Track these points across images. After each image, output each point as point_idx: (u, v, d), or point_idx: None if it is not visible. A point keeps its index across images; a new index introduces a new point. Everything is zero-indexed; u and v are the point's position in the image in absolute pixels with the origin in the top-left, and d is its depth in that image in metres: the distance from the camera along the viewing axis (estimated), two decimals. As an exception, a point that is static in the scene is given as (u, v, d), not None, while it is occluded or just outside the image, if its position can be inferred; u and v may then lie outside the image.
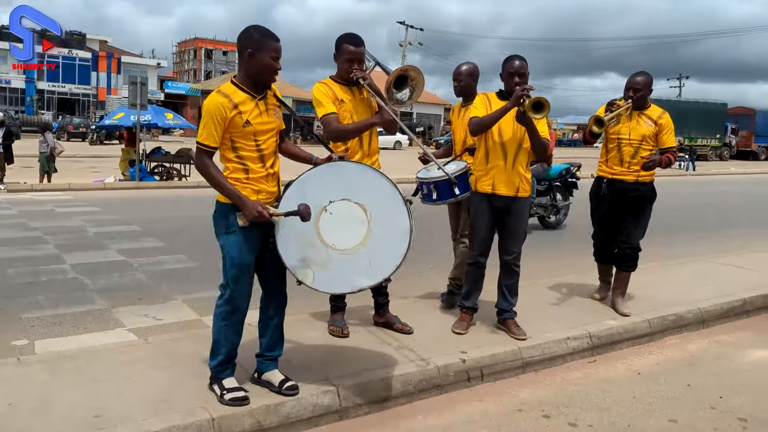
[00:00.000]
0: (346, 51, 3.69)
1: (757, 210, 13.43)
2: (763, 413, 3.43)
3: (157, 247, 7.28)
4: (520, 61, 3.98)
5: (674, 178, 23.66)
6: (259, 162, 2.99)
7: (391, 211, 2.94)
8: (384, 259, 2.94)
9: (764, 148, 40.22)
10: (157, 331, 4.44)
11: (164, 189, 13.89)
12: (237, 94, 2.92)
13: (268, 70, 2.93)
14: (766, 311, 5.36)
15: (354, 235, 2.94)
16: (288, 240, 2.96)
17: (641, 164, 4.49)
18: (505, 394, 3.61)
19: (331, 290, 3.09)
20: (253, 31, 2.93)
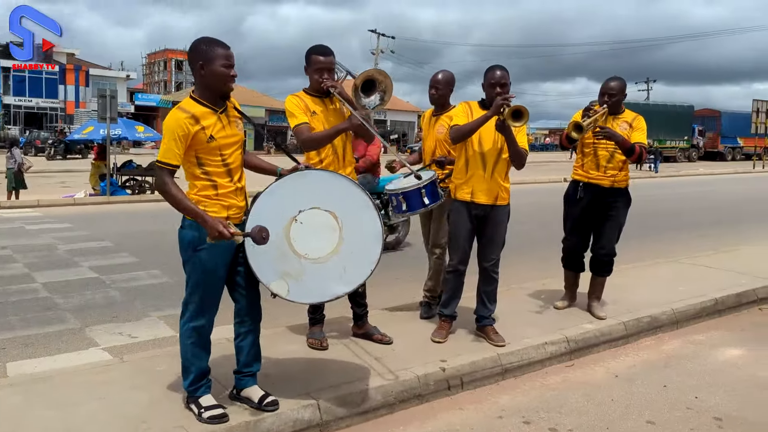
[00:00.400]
0: (315, 62, 3.71)
1: (726, 210, 13.71)
2: (738, 411, 3.49)
3: (130, 263, 7.17)
4: (501, 71, 4.03)
5: (644, 180, 24.09)
6: (227, 176, 2.95)
7: (361, 217, 2.94)
8: (358, 265, 2.94)
9: (730, 148, 41.13)
10: (132, 349, 4.36)
11: (136, 203, 13.71)
12: (197, 108, 2.87)
13: (222, 79, 2.88)
14: (738, 310, 5.47)
15: (326, 243, 2.93)
16: (259, 253, 2.92)
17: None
18: (485, 401, 3.63)
19: (307, 300, 3.08)
20: (200, 43, 2.90)
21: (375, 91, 3.81)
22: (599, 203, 4.65)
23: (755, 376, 4.01)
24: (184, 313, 3.02)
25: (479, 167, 4.02)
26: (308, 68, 3.77)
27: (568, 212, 4.86)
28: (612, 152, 4.56)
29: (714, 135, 41.01)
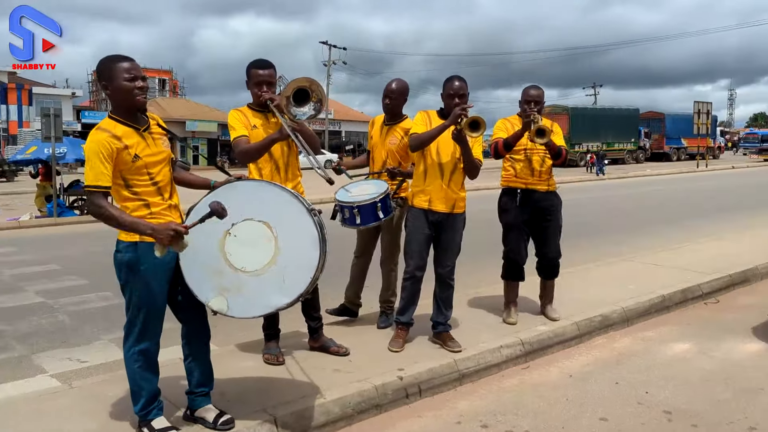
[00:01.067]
0: (254, 75, 3.72)
1: (672, 209, 14.17)
2: (686, 404, 3.61)
3: (79, 286, 6.97)
4: (460, 81, 4.12)
5: (593, 182, 24.71)
6: (158, 195, 2.90)
7: (296, 224, 2.88)
8: (298, 274, 2.86)
9: (675, 149, 42.51)
10: (82, 374, 4.23)
11: (86, 224, 13.29)
12: (118, 128, 2.79)
13: (127, 93, 2.78)
14: (684, 305, 5.65)
15: (262, 254, 2.85)
16: (195, 271, 2.88)
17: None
18: (443, 407, 3.65)
19: (249, 315, 3.02)
20: (101, 62, 2.83)
21: (309, 101, 3.71)
22: (538, 208, 4.66)
23: (702, 369, 4.15)
24: (127, 337, 2.96)
25: (437, 176, 4.09)
26: (249, 82, 3.77)
27: (507, 222, 4.73)
28: (543, 157, 4.61)
29: (659, 136, 42.34)
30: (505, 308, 4.87)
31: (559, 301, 5.06)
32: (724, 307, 5.68)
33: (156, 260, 2.78)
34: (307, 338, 4.21)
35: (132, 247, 2.82)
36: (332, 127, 50.36)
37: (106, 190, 2.74)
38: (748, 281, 6.43)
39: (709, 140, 38.43)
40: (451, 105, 4.01)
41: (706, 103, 34.40)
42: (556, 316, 4.81)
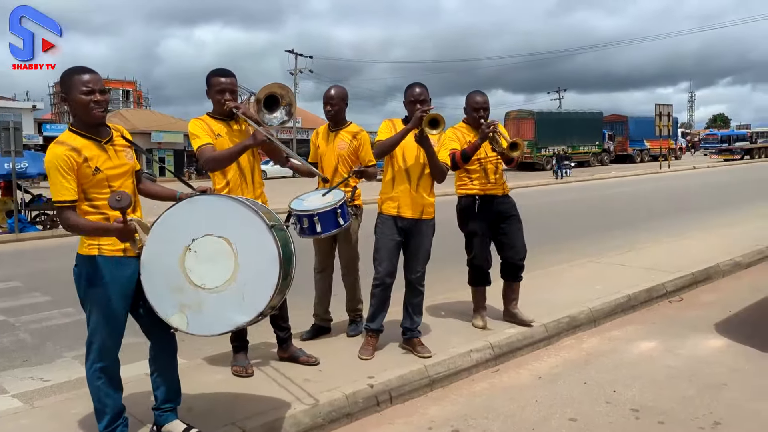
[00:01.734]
0: (216, 83, 3.65)
1: (637, 210, 14.44)
2: (653, 401, 3.66)
3: (42, 302, 6.79)
4: (420, 87, 4.14)
5: (560, 185, 25.07)
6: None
7: (256, 241, 2.79)
8: (257, 292, 2.79)
9: (639, 151, 43.41)
10: (44, 393, 4.12)
11: (48, 239, 13.02)
12: (77, 140, 2.74)
13: (83, 107, 2.72)
14: (650, 304, 5.75)
15: (222, 271, 2.78)
16: (156, 286, 2.83)
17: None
18: (414, 414, 3.64)
19: (208, 333, 2.93)
20: (63, 74, 2.78)
21: (279, 106, 3.70)
22: (498, 212, 4.65)
23: (667, 366, 4.22)
24: (88, 353, 2.90)
25: (404, 182, 4.11)
26: (210, 91, 3.70)
27: (470, 229, 4.70)
28: (496, 164, 4.62)
29: (623, 139, 43.18)
30: (474, 313, 4.86)
31: (527, 303, 5.09)
32: (687, 304, 5.80)
33: (114, 274, 2.77)
34: (276, 349, 4.17)
35: (90, 260, 2.77)
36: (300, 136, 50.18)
37: (72, 204, 2.69)
38: (710, 279, 6.58)
39: (671, 142, 39.35)
40: (414, 111, 4.03)
41: (667, 106, 35.25)
42: (531, 317, 4.77)
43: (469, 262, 4.78)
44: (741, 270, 7.03)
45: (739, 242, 8.01)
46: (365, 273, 4.56)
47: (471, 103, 4.57)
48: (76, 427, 3.26)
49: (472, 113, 4.57)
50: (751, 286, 6.30)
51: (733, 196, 16.61)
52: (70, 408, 3.51)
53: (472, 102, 4.56)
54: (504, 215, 4.68)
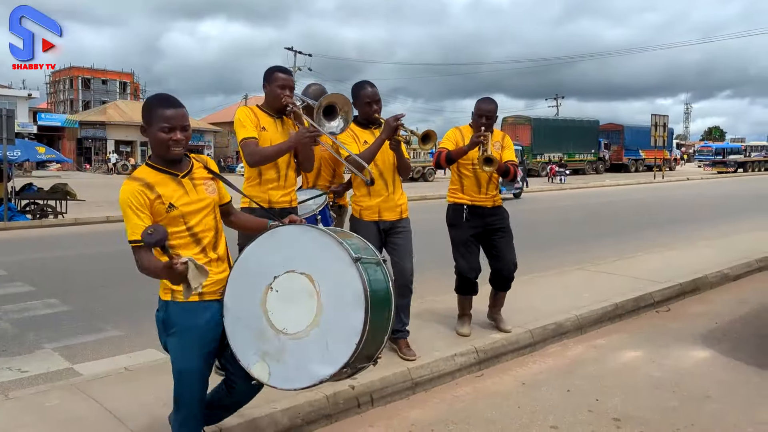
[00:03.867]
0: (278, 78, 3.66)
1: (628, 219, 14.46)
2: (635, 411, 3.64)
3: (25, 292, 6.71)
4: (372, 88, 4.11)
5: (553, 192, 25.11)
6: (196, 246, 2.55)
7: (341, 277, 2.45)
8: (340, 339, 2.42)
9: (633, 160, 43.61)
10: (21, 384, 4.06)
11: (37, 228, 12.93)
12: (152, 175, 2.52)
13: (161, 144, 2.51)
14: (636, 314, 5.73)
15: (305, 313, 2.45)
16: (238, 330, 2.53)
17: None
18: (395, 417, 3.61)
19: (290, 386, 2.59)
20: (147, 101, 2.59)
21: (337, 115, 3.68)
22: (486, 223, 4.58)
23: (651, 376, 4.20)
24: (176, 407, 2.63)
25: (382, 187, 4.09)
26: (268, 84, 3.69)
27: (457, 237, 4.63)
28: (490, 174, 4.50)
29: (618, 148, 43.37)
30: (459, 320, 4.79)
31: (513, 309, 5.07)
32: (674, 315, 5.79)
33: (188, 321, 2.51)
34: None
35: (165, 306, 2.54)
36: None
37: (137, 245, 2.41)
38: (698, 290, 6.57)
39: (666, 152, 39.51)
40: (369, 112, 4.05)
41: (663, 116, 35.40)
42: (509, 327, 4.72)
43: (456, 271, 4.70)
44: (729, 282, 7.03)
45: (728, 254, 8.01)
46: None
47: (476, 110, 4.52)
48: (51, 420, 3.20)
49: (476, 119, 4.50)
50: (738, 299, 6.30)
51: (725, 208, 16.66)
52: (46, 400, 3.46)
53: (477, 108, 4.51)
54: (493, 228, 4.60)
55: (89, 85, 61.45)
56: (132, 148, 47.10)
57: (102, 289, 6.79)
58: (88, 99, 61.00)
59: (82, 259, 8.83)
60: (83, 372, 4.27)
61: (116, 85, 62.29)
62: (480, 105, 4.51)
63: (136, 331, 5.20)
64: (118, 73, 62.72)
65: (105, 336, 5.17)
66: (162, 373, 3.19)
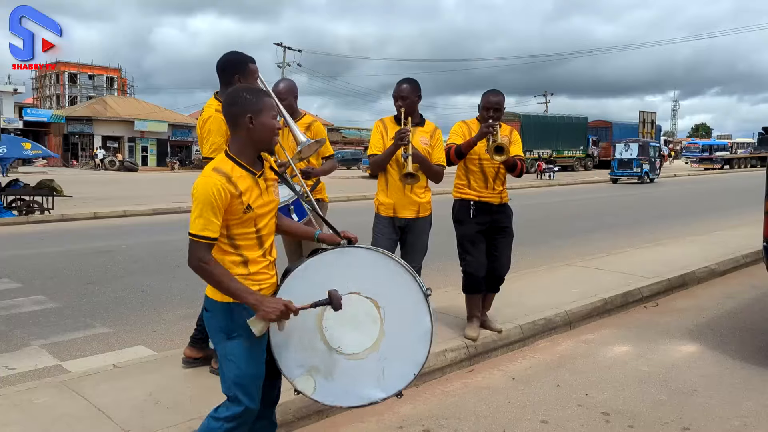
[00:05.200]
0: (252, 72, 3.59)
1: (615, 215, 14.54)
2: (623, 405, 3.67)
3: (11, 289, 6.65)
4: (405, 84, 4.11)
5: (543, 188, 25.21)
6: (259, 249, 2.42)
7: (409, 309, 2.52)
8: (399, 367, 2.51)
9: (621, 157, 43.81)
10: (8, 381, 4.02)
11: (23, 224, 12.80)
12: (235, 170, 2.33)
13: (270, 132, 2.37)
14: (625, 309, 5.77)
15: (365, 336, 2.48)
16: (285, 342, 2.47)
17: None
18: (386, 412, 3.61)
19: (335, 403, 2.62)
20: (251, 93, 2.39)
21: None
22: (492, 221, 4.46)
23: (639, 371, 4.23)
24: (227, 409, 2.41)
25: (399, 184, 4.09)
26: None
27: (463, 234, 4.49)
28: (497, 169, 4.41)
29: (607, 144, 43.50)
30: (468, 322, 4.63)
31: (503, 305, 5.09)
32: (662, 310, 5.83)
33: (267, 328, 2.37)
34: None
35: (226, 309, 2.35)
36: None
37: (213, 242, 2.29)
38: (685, 285, 6.63)
39: (654, 149, 39.72)
40: (396, 108, 4.06)
41: (651, 113, 35.69)
42: (500, 326, 4.66)
43: (463, 269, 4.54)
44: (716, 277, 7.10)
45: (715, 250, 8.08)
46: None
47: (483, 102, 4.40)
48: (37, 418, 3.18)
49: (483, 112, 4.39)
50: (725, 294, 6.36)
51: (711, 204, 16.80)
52: (34, 397, 3.43)
53: (484, 100, 4.40)
54: (498, 226, 4.49)
55: (76, 81, 60.87)
56: (119, 144, 46.74)
57: (90, 285, 6.74)
58: (75, 94, 60.45)
59: (70, 255, 8.75)
60: (71, 369, 4.23)
61: (103, 81, 61.75)
62: (488, 97, 4.39)
63: (125, 327, 5.17)
64: (105, 68, 62.16)
65: (93, 333, 5.13)
66: (151, 371, 3.18)
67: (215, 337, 2.41)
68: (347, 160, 42.90)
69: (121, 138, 46.85)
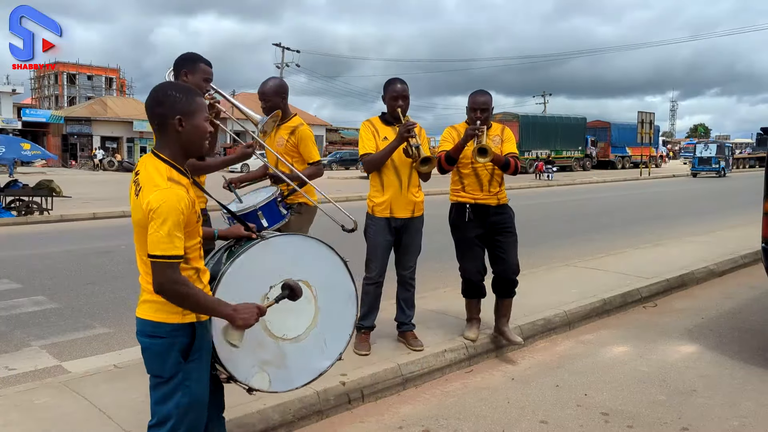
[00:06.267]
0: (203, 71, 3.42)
1: (615, 215, 14.55)
2: (623, 406, 3.68)
3: (11, 290, 6.65)
4: (401, 84, 4.14)
5: (541, 188, 25.21)
6: (201, 258, 2.25)
7: (336, 279, 2.67)
8: (337, 333, 2.67)
9: (620, 157, 43.83)
10: (8, 382, 4.03)
11: (23, 225, 12.79)
12: (183, 179, 2.14)
13: (202, 137, 2.20)
14: (624, 309, 5.78)
15: (304, 317, 2.56)
16: (233, 351, 2.35)
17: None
18: (386, 412, 3.62)
19: (291, 387, 2.64)
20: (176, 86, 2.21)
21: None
22: (490, 223, 4.35)
23: (638, 371, 4.24)
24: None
25: (395, 184, 4.11)
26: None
27: (460, 239, 4.43)
28: (491, 170, 4.30)
29: (605, 145, 43.57)
30: (467, 324, 4.58)
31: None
32: (661, 310, 5.84)
33: (207, 345, 2.23)
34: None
35: (186, 330, 2.14)
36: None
37: (182, 260, 2.07)
38: (684, 285, 6.64)
39: (652, 149, 39.78)
40: (394, 106, 4.09)
41: (649, 113, 35.64)
42: (519, 339, 4.49)
43: (461, 275, 4.50)
44: (714, 278, 7.11)
45: (714, 250, 8.10)
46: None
47: (470, 102, 4.32)
48: (38, 417, 3.18)
49: (470, 113, 4.30)
50: (724, 294, 6.38)
51: (710, 205, 16.82)
52: (34, 397, 3.44)
53: (471, 101, 4.32)
54: (498, 227, 4.37)
55: (74, 81, 60.83)
56: (118, 145, 46.71)
57: (89, 286, 6.74)
58: (74, 95, 60.41)
59: (69, 256, 8.75)
60: (72, 369, 4.24)
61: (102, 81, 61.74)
62: (474, 97, 4.30)
63: (125, 328, 5.17)
64: (104, 69, 62.15)
65: (93, 333, 5.14)
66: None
67: (166, 363, 2.12)
68: (345, 161, 42.90)
69: (119, 138, 46.82)
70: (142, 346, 2.17)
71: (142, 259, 2.12)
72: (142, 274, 2.16)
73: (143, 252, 2.08)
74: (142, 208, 2.02)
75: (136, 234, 2.11)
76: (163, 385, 2.14)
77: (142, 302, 2.17)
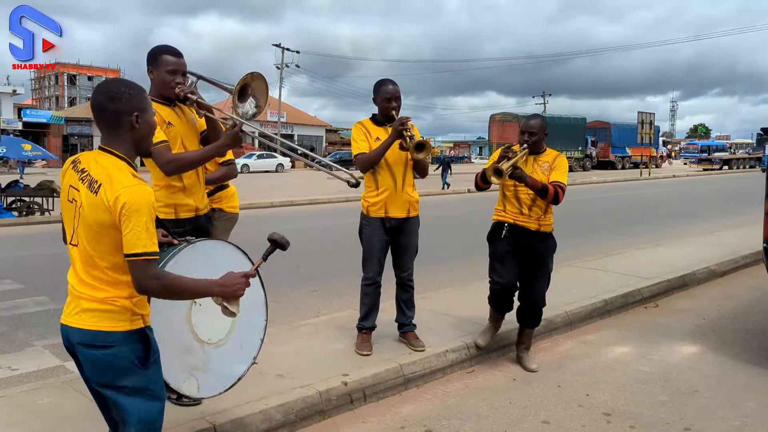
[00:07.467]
0: (166, 62, 3.14)
1: (615, 216, 14.56)
2: (624, 406, 3.68)
3: (14, 290, 6.67)
4: (393, 85, 4.12)
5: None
6: None
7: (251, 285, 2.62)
8: (251, 337, 2.77)
9: (620, 157, 43.86)
10: (11, 382, 4.04)
11: (24, 225, 12.81)
12: (137, 176, 2.11)
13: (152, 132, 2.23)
14: (625, 309, 5.79)
15: (225, 321, 2.56)
16: (166, 353, 2.30)
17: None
18: (387, 413, 3.63)
19: (215, 392, 2.66)
20: (138, 90, 2.15)
21: (247, 96, 3.15)
22: (526, 246, 4.19)
23: (640, 371, 4.25)
24: None
25: (390, 182, 4.10)
26: (155, 70, 3.18)
27: (494, 251, 4.29)
28: (533, 196, 4.11)
29: (605, 145, 43.59)
30: (484, 329, 4.47)
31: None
32: (663, 311, 5.85)
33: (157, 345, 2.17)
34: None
35: (138, 335, 2.08)
36: (285, 131, 49.96)
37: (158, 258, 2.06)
38: (686, 286, 6.65)
39: (652, 149, 39.78)
40: (387, 108, 4.07)
41: (649, 114, 35.65)
42: (534, 366, 4.31)
43: (490, 287, 4.35)
44: (716, 278, 7.12)
45: (715, 251, 8.10)
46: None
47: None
48: (42, 418, 3.19)
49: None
50: (725, 295, 6.38)
51: (711, 205, 16.81)
52: (38, 398, 3.45)
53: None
54: (532, 254, 4.21)
55: (75, 82, 60.86)
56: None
57: (91, 286, 6.74)
58: (74, 95, 60.43)
59: (70, 256, 8.75)
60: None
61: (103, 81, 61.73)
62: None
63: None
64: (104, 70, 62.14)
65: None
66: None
67: (124, 372, 2.05)
68: (345, 161, 42.91)
69: (120, 139, 46.76)
70: (86, 358, 2.06)
71: (95, 263, 2.02)
72: (83, 280, 2.05)
73: (101, 255, 2.01)
74: (107, 206, 1.95)
75: (90, 236, 2.01)
76: (128, 396, 2.06)
77: (80, 311, 2.05)
